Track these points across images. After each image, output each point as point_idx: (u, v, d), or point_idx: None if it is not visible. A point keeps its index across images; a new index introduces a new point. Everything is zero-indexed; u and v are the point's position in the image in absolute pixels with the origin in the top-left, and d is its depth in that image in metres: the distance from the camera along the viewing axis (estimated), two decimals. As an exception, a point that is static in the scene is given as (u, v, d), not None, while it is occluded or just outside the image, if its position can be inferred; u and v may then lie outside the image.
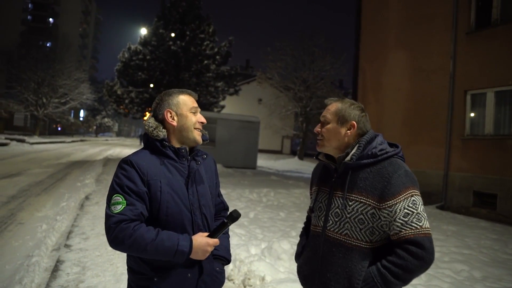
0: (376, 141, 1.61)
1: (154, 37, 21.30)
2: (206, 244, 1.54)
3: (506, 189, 8.21)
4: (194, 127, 1.68)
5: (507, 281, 3.94)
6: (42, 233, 5.08)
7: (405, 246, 1.43)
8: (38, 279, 3.52)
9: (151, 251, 1.47)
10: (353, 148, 1.59)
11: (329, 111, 1.66)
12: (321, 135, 1.65)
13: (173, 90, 1.74)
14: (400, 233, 1.44)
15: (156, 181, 1.56)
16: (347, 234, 1.54)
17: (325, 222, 1.62)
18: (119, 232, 1.46)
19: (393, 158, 1.58)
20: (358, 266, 1.50)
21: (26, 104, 37.72)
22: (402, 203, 1.46)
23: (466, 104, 9.37)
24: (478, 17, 9.34)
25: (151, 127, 1.64)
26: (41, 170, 12.77)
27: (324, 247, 1.60)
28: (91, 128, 69.33)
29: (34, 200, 7.56)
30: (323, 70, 26.18)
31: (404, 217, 1.44)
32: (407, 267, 1.41)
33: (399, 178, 1.50)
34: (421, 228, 1.44)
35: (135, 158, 1.59)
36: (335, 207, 1.59)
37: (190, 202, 1.62)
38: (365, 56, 12.71)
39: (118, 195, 1.52)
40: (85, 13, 76.55)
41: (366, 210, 1.50)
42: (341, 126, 1.62)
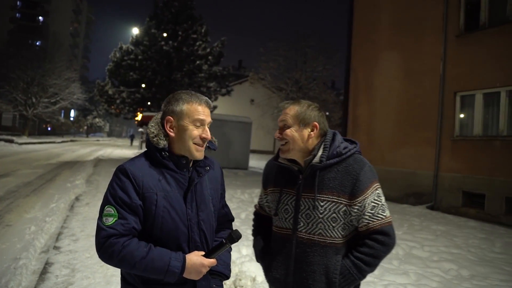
0: (337, 139, 1.65)
1: (146, 37, 21.19)
2: (201, 265, 1.45)
3: (494, 189, 8.31)
4: (193, 142, 1.53)
5: (493, 279, 4.00)
6: (30, 235, 5.02)
7: (374, 236, 1.55)
8: (25, 282, 3.47)
9: (140, 269, 1.41)
10: (318, 150, 1.62)
11: (288, 115, 1.65)
12: (284, 140, 1.63)
13: (183, 94, 1.58)
14: (368, 225, 1.55)
15: (152, 194, 1.47)
16: (321, 234, 1.57)
17: (295, 224, 1.62)
18: (108, 247, 1.40)
19: (355, 154, 1.64)
20: (333, 261, 1.56)
21: (15, 104, 37.29)
22: (370, 197, 1.56)
23: (456, 105, 9.47)
24: (467, 20, 9.46)
25: (152, 133, 1.54)
26: (30, 171, 12.62)
27: (297, 249, 1.61)
28: (82, 128, 68.72)
29: (23, 201, 7.47)
30: (316, 71, 26.31)
31: (372, 209, 1.55)
32: (377, 254, 1.55)
33: (366, 174, 1.58)
34: (386, 218, 1.59)
35: (132, 168, 1.49)
36: (305, 208, 1.60)
37: (188, 217, 1.52)
38: (357, 57, 12.79)
39: (111, 206, 1.45)
40: (76, 12, 75.90)
41: (338, 208, 1.56)
42: (304, 128, 1.64)
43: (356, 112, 12.60)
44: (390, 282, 3.72)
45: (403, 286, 3.62)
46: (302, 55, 26.00)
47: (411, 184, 10.20)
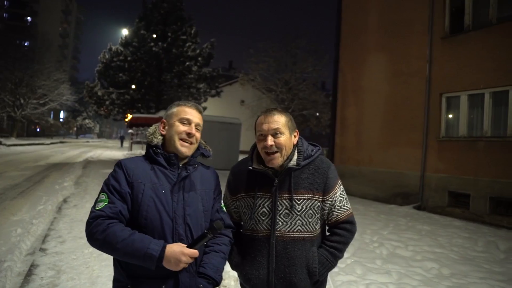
0: (305, 143, 1.81)
1: (135, 38, 21.13)
2: (181, 252, 1.48)
3: (478, 189, 8.47)
4: (179, 137, 1.68)
5: (472, 277, 4.11)
6: (16, 237, 5.00)
7: (343, 226, 1.76)
8: (9, 284, 3.47)
9: (121, 250, 1.46)
10: (293, 154, 1.74)
11: (280, 123, 1.71)
12: (277, 147, 1.68)
13: (179, 101, 1.80)
14: (337, 217, 1.75)
15: (139, 184, 1.60)
16: (299, 230, 1.70)
17: (273, 225, 1.70)
18: (94, 227, 1.50)
19: (320, 155, 1.81)
20: (311, 252, 1.71)
21: (3, 105, 36.81)
22: (337, 192, 1.76)
23: (442, 106, 9.63)
24: (452, 23, 9.63)
25: (149, 131, 1.73)
26: (18, 172, 12.50)
27: (277, 247, 1.69)
28: (72, 129, 68.07)
29: (10, 203, 7.41)
30: (305, 72, 26.44)
31: (339, 203, 1.76)
32: (346, 241, 1.77)
33: (333, 172, 1.78)
34: (350, 209, 1.80)
35: (126, 161, 1.67)
36: (283, 209, 1.70)
37: (173, 209, 1.59)
38: (345, 59, 12.92)
39: (104, 193, 1.59)
40: (66, 13, 75.18)
41: (313, 204, 1.71)
42: (291, 136, 1.75)
43: (344, 113, 12.73)
44: (372, 281, 3.80)
45: (385, 285, 3.71)
46: (292, 56, 26.15)
47: (399, 184, 10.34)
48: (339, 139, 12.83)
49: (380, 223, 7.09)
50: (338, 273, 3.98)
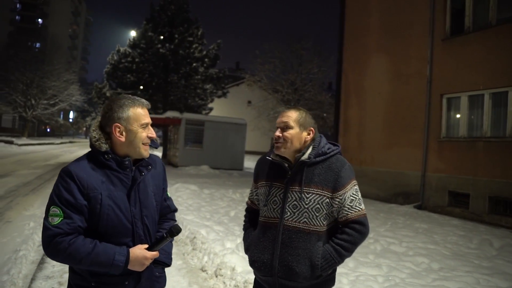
0: (323, 141, 1.90)
1: (143, 40, 21.45)
2: (143, 257, 1.57)
3: (477, 188, 8.58)
4: (143, 142, 1.66)
5: (460, 271, 4.28)
6: (29, 230, 5.34)
7: (352, 225, 1.77)
8: (25, 270, 3.81)
9: (86, 264, 1.49)
10: (307, 149, 1.85)
11: (290, 118, 1.85)
12: (283, 139, 1.83)
13: (125, 100, 1.67)
14: (347, 216, 1.78)
15: (96, 194, 1.55)
16: (306, 222, 1.77)
17: (282, 214, 1.81)
18: (55, 246, 1.48)
19: (337, 155, 1.88)
20: (315, 246, 1.77)
21: (15, 106, 37.51)
22: (349, 192, 1.79)
23: (442, 107, 9.75)
24: (452, 25, 9.76)
25: (94, 137, 1.63)
26: (29, 171, 12.90)
27: (283, 235, 1.79)
28: (81, 129, 68.89)
29: (22, 200, 7.78)
30: (311, 72, 26.58)
31: (350, 202, 1.78)
32: (354, 241, 1.77)
33: (346, 171, 1.82)
34: (362, 210, 1.81)
35: (76, 170, 1.57)
36: (293, 200, 1.80)
37: (132, 213, 1.62)
38: (348, 60, 13.10)
39: (56, 207, 1.51)
40: (75, 14, 76.15)
41: (322, 200, 1.77)
42: (302, 131, 1.86)
43: (347, 114, 12.90)
44: (362, 273, 4.01)
45: (373, 277, 3.91)
46: (298, 57, 26.31)
47: (400, 184, 10.49)
48: (342, 140, 13.00)
49: (378, 221, 7.27)
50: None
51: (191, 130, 18.35)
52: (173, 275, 3.87)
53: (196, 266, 4.25)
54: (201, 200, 8.22)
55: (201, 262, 4.19)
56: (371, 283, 3.71)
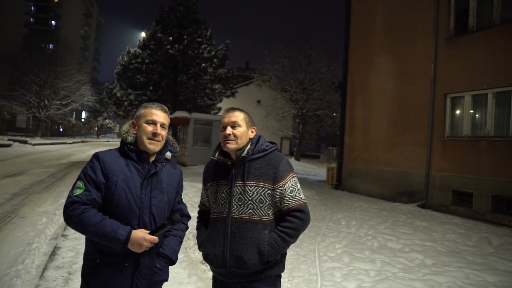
0: (261, 140, 2.10)
1: (152, 41, 21.79)
2: (143, 238, 1.75)
3: (481, 187, 8.64)
4: (147, 136, 1.90)
5: (452, 266, 4.42)
6: (42, 225, 5.66)
7: (293, 213, 1.96)
8: (37, 261, 4.12)
9: (92, 232, 1.71)
10: (246, 146, 2.05)
11: (238, 117, 2.05)
12: (234, 136, 2.01)
13: (146, 103, 2.02)
14: (288, 205, 1.96)
15: (113, 176, 1.82)
16: (251, 213, 1.94)
17: (229, 208, 1.97)
18: (71, 211, 1.73)
19: (275, 151, 2.09)
20: (262, 235, 1.92)
21: (28, 106, 38.32)
22: (288, 183, 1.98)
23: (446, 106, 9.80)
24: (456, 24, 9.79)
25: (123, 130, 1.99)
26: (42, 170, 13.31)
27: (232, 227, 1.95)
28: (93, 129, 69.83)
29: (35, 197, 8.12)
30: (319, 72, 26.67)
31: (290, 193, 1.97)
32: (296, 227, 1.95)
33: (284, 165, 2.02)
34: (302, 200, 2.00)
35: (103, 154, 1.90)
36: (238, 193, 1.97)
37: (141, 200, 1.84)
38: (354, 60, 13.21)
39: (81, 181, 1.81)
40: (87, 16, 77.28)
41: (264, 191, 1.96)
42: (248, 130, 2.08)
43: (352, 113, 13.01)
44: (355, 268, 4.18)
45: (366, 271, 4.08)
46: (306, 57, 26.44)
47: (404, 183, 10.58)
48: (348, 139, 13.12)
49: (379, 219, 7.40)
50: (326, 261, 4.38)
51: (200, 129, 18.63)
52: (174, 267, 4.08)
53: (197, 260, 4.49)
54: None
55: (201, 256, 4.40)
56: (362, 277, 3.88)
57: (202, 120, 18.82)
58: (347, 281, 3.77)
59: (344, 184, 12.90)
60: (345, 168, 13.02)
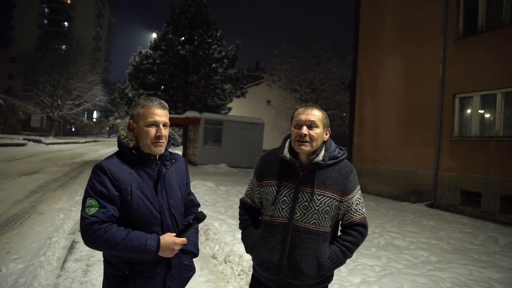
0: (333, 145, 1.94)
1: (163, 42, 22.10)
2: (173, 243, 1.69)
3: (489, 187, 8.66)
4: (151, 141, 1.76)
5: (456, 263, 4.51)
6: (59, 221, 5.93)
7: (356, 228, 1.88)
8: (58, 253, 4.39)
9: (120, 249, 1.61)
10: (321, 150, 1.87)
11: (316, 117, 1.86)
12: (310, 137, 1.82)
13: (142, 99, 1.81)
14: (353, 218, 1.87)
15: (127, 186, 1.70)
16: (315, 223, 1.81)
17: (291, 214, 1.82)
18: (92, 233, 1.60)
19: (345, 160, 1.95)
20: (323, 247, 1.82)
21: (42, 106, 39.06)
22: (355, 196, 1.88)
23: (455, 107, 9.84)
24: (465, 25, 9.83)
25: (122, 135, 1.78)
26: (57, 168, 13.67)
27: (292, 235, 1.81)
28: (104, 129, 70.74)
29: (52, 194, 8.42)
30: (329, 72, 26.68)
31: (356, 206, 1.88)
32: (357, 242, 1.88)
33: (354, 177, 1.90)
34: (364, 214, 1.92)
35: (108, 165, 1.72)
36: (303, 200, 1.81)
37: (159, 204, 1.76)
38: (363, 60, 13.28)
39: (92, 198, 1.65)
40: (99, 17, 78.30)
41: (331, 202, 1.82)
42: (324, 131, 1.89)
43: (361, 113, 13.08)
44: (361, 263, 4.31)
45: (371, 267, 4.21)
46: (316, 57, 26.46)
47: (412, 182, 10.63)
48: (357, 139, 13.20)
49: (386, 218, 7.50)
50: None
51: (210, 129, 18.88)
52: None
53: (208, 254, 4.68)
54: (217, 197, 8.63)
55: (213, 250, 4.61)
56: (367, 272, 4.01)
57: (213, 120, 19.07)
58: (352, 275, 3.90)
59: (352, 184, 12.95)
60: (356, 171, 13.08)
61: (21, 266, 4.00)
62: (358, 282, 3.74)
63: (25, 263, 4.08)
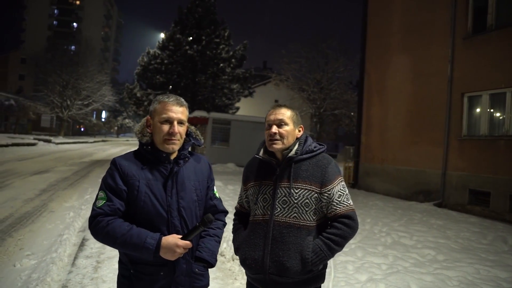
0: (309, 140, 1.96)
1: (171, 42, 22.24)
2: (175, 245, 1.59)
3: (498, 187, 8.60)
4: (163, 137, 1.72)
5: (464, 262, 4.51)
6: (70, 219, 6.05)
7: (341, 220, 1.81)
8: (69, 250, 4.51)
9: (120, 244, 1.59)
10: (294, 145, 1.90)
11: (285, 115, 1.90)
12: (279, 135, 1.86)
13: (161, 96, 1.80)
14: (336, 211, 1.81)
15: (134, 181, 1.68)
16: (295, 217, 1.80)
17: (272, 210, 1.83)
18: (95, 225, 1.61)
19: (323, 153, 1.95)
20: (306, 241, 1.79)
21: (52, 106, 39.56)
22: (336, 187, 1.84)
23: (463, 106, 9.77)
24: (474, 23, 9.74)
25: (138, 130, 1.79)
26: (67, 168, 13.85)
27: (274, 231, 1.82)
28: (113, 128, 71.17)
29: (62, 193, 8.56)
30: (337, 71, 26.61)
31: (338, 198, 1.83)
32: (344, 235, 1.80)
33: (332, 168, 1.88)
34: (350, 205, 1.85)
35: (120, 159, 1.74)
36: (282, 196, 1.83)
37: (167, 203, 1.69)
38: (370, 60, 13.24)
39: (102, 191, 1.68)
40: (107, 17, 78.96)
41: (310, 195, 1.81)
42: (295, 129, 1.93)
43: (369, 113, 13.05)
44: (368, 261, 4.33)
45: (378, 265, 4.23)
46: (323, 56, 26.41)
47: (420, 182, 10.58)
48: (365, 138, 13.16)
49: (393, 217, 7.49)
50: (339, 255, 4.53)
51: (218, 129, 18.99)
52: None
53: (216, 252, 4.72)
54: (225, 195, 8.69)
55: (220, 248, 4.66)
56: (374, 270, 4.03)
57: (220, 119, 19.17)
58: (359, 273, 3.93)
59: (360, 183, 12.95)
60: (361, 167, 13.07)
61: (33, 262, 4.11)
62: (364, 279, 3.77)
63: (37, 259, 4.19)
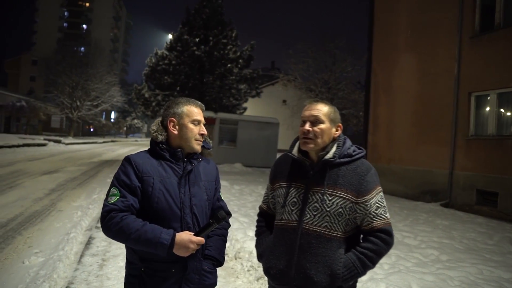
0: (348, 143, 1.78)
1: (179, 43, 22.37)
2: (189, 241, 1.61)
3: (506, 187, 8.51)
4: (195, 138, 1.80)
5: (467, 263, 4.49)
6: (78, 218, 6.19)
7: (377, 234, 1.65)
8: (75, 248, 4.62)
9: (134, 239, 1.59)
10: (332, 147, 1.73)
11: (321, 112, 1.73)
12: (313, 134, 1.71)
13: (182, 99, 1.87)
14: (372, 223, 1.65)
15: (149, 178, 1.71)
16: (326, 226, 1.65)
17: (301, 216, 1.68)
18: (109, 220, 1.61)
19: (363, 158, 1.77)
20: (337, 254, 1.63)
21: (62, 107, 40.15)
22: (375, 198, 1.67)
23: (471, 105, 9.69)
24: (482, 21, 9.65)
25: (153, 129, 1.84)
26: (76, 168, 14.06)
27: (301, 239, 1.66)
28: (122, 129, 71.85)
29: (71, 192, 8.72)
30: (345, 71, 26.52)
31: (376, 210, 1.66)
32: (380, 251, 1.65)
33: (372, 177, 1.70)
34: (387, 219, 1.70)
35: (134, 156, 1.77)
36: (313, 201, 1.67)
37: (181, 200, 1.72)
38: (377, 59, 13.20)
39: (115, 188, 1.69)
40: (116, 19, 79.73)
41: (345, 204, 1.64)
42: (332, 127, 1.75)
43: (376, 112, 13.01)
44: (370, 260, 4.34)
45: (380, 264, 4.20)
46: (331, 56, 26.35)
47: (427, 182, 10.52)
48: (371, 138, 13.13)
49: (399, 217, 7.48)
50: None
51: (225, 129, 19.09)
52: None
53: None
54: (230, 195, 8.76)
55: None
56: (375, 269, 4.03)
57: (228, 120, 19.27)
58: (360, 273, 3.94)
59: (367, 183, 12.89)
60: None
61: (41, 259, 4.23)
62: (365, 279, 3.79)
63: (45, 256, 4.31)
